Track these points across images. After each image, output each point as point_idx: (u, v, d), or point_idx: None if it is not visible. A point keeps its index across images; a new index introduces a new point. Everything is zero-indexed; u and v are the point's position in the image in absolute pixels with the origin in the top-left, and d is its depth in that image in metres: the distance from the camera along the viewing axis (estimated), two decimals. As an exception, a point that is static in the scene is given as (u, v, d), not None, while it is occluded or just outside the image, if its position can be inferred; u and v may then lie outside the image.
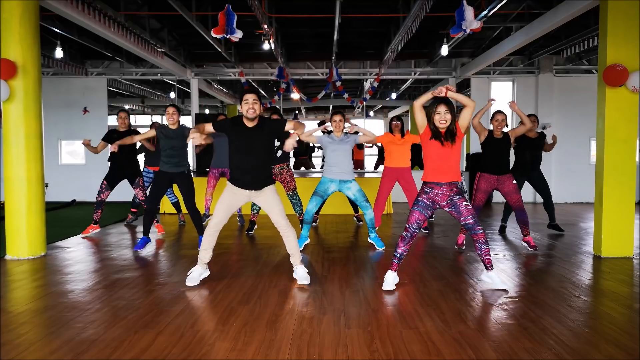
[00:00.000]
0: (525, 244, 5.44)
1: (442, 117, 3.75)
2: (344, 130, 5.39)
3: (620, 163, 5.12)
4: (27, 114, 5.09)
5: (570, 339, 2.91)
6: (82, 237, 6.26)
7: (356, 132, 5.58)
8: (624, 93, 5.07)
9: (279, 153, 6.20)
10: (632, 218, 5.15)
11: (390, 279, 3.95)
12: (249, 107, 3.96)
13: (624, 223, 5.12)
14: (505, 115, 5.30)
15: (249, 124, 4.04)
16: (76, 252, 5.40)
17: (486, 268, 3.99)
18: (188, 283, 4.05)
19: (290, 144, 4.04)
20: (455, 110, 3.86)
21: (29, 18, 5.06)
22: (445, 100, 3.78)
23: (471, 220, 3.86)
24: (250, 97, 3.97)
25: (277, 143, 6.10)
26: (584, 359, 2.65)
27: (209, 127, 4.06)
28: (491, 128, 5.35)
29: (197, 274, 4.13)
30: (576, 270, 4.58)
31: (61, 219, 7.96)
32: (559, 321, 3.20)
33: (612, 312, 3.41)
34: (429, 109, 3.86)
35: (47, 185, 5.68)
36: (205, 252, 4.14)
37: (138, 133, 6.26)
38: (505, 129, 5.39)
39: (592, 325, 3.16)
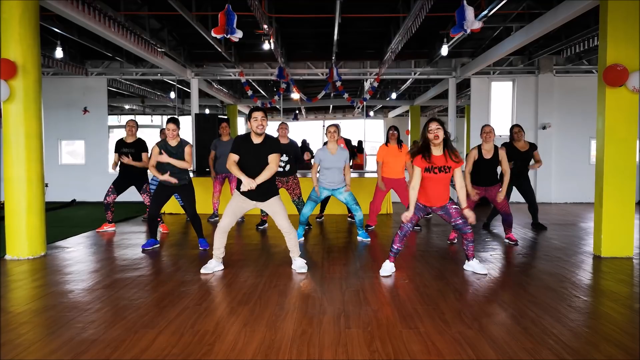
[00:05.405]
0: (507, 240, 5.83)
1: (435, 133, 4.11)
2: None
3: (620, 163, 5.12)
4: (27, 114, 5.09)
5: (570, 339, 2.91)
6: (97, 232, 6.71)
7: (350, 148, 5.85)
8: (624, 93, 5.06)
9: (287, 167, 6.43)
10: (632, 218, 5.15)
11: (388, 267, 4.41)
12: (259, 124, 4.23)
13: (624, 223, 5.12)
14: (493, 128, 5.63)
15: (256, 140, 4.33)
16: (76, 252, 5.40)
17: (467, 259, 4.54)
18: (202, 271, 4.43)
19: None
20: (445, 126, 4.25)
21: (29, 18, 5.06)
22: (436, 118, 4.23)
23: (460, 221, 4.33)
24: (259, 115, 4.25)
25: (285, 158, 6.28)
26: (584, 359, 2.65)
27: (234, 157, 4.31)
28: (480, 142, 5.70)
29: (213, 265, 4.50)
30: (576, 270, 4.58)
31: (61, 219, 7.96)
32: (559, 321, 3.20)
33: (612, 312, 3.41)
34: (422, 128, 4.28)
35: (47, 185, 5.69)
36: (218, 250, 4.49)
37: (145, 145, 6.59)
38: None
39: (592, 325, 3.16)
